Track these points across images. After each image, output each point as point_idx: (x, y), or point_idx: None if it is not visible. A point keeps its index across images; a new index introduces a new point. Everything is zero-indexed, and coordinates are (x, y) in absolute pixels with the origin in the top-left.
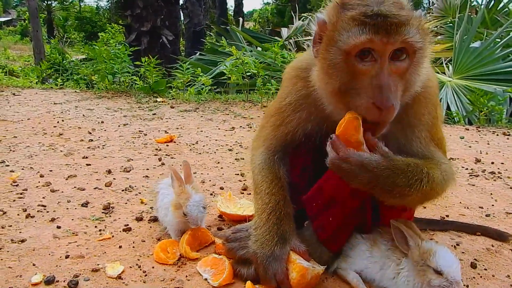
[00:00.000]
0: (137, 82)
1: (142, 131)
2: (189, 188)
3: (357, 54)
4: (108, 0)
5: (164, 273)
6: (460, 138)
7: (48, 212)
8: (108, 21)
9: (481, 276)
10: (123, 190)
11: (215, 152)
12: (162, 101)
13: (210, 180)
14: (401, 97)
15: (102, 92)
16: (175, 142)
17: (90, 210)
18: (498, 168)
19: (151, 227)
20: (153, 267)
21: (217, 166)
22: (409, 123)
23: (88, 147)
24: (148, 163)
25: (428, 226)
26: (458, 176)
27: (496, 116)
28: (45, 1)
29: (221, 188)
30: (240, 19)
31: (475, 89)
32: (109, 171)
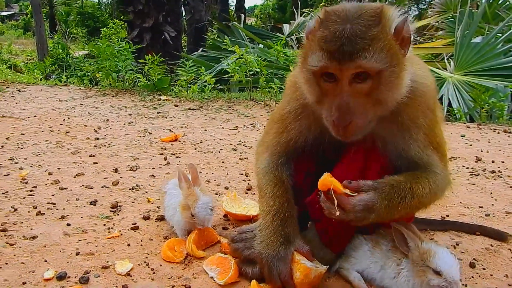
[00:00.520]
0: (140, 79)
1: (147, 130)
2: (197, 190)
3: (321, 75)
4: None
5: (171, 271)
6: (461, 137)
7: (57, 209)
8: (110, 17)
9: (479, 276)
10: (130, 189)
11: (219, 152)
12: (166, 99)
13: (215, 180)
14: (378, 111)
15: (106, 89)
16: (179, 141)
17: (98, 208)
18: (499, 167)
19: (158, 225)
20: (160, 265)
21: (221, 166)
22: (405, 126)
23: (94, 146)
24: (154, 162)
25: (428, 226)
26: (459, 176)
27: (497, 113)
28: None
29: (226, 188)
30: (241, 16)
31: (476, 85)
32: (115, 170)
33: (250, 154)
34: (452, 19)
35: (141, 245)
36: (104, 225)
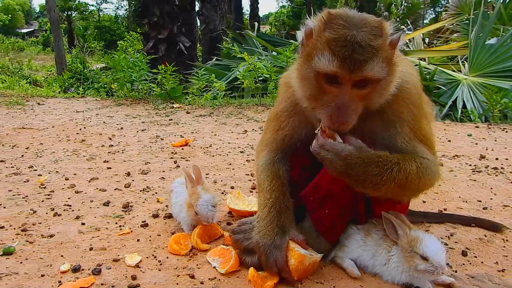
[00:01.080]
0: (154, 89)
1: (159, 136)
2: (199, 189)
3: (324, 77)
4: (126, 9)
5: (177, 262)
6: (468, 136)
7: (73, 211)
8: (127, 29)
9: (470, 263)
10: (141, 191)
11: (227, 154)
12: (178, 107)
13: (221, 180)
14: (367, 108)
15: (121, 99)
16: (190, 145)
17: (111, 209)
18: (502, 164)
19: (166, 223)
20: (167, 257)
21: (228, 167)
22: (390, 120)
23: (108, 152)
24: (164, 165)
25: (424, 219)
26: (461, 172)
27: (511, 113)
28: (65, 12)
29: (232, 188)
30: (255, 24)
31: (491, 87)
32: (128, 174)
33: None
34: (467, 21)
35: (150, 240)
36: (116, 223)
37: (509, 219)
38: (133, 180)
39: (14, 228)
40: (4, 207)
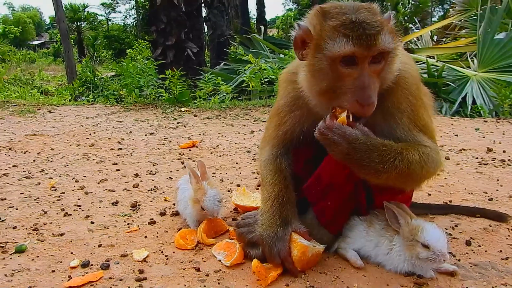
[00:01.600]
0: (162, 94)
1: (167, 139)
2: (205, 184)
3: (341, 60)
4: (134, 17)
5: (183, 256)
6: (475, 130)
7: (83, 211)
8: (135, 38)
9: (474, 252)
10: (148, 190)
11: (234, 154)
12: (186, 111)
13: (228, 179)
14: (381, 86)
15: (130, 105)
16: (197, 147)
17: (119, 208)
18: (509, 156)
19: (173, 220)
20: (173, 252)
21: (235, 166)
22: (389, 112)
23: (117, 155)
24: (171, 166)
25: (428, 210)
26: (467, 165)
27: None
28: (75, 22)
29: (238, 185)
30: (261, 27)
31: (498, 82)
32: (136, 175)
33: None
34: (475, 17)
35: (157, 237)
36: (124, 221)
37: None
38: (141, 181)
39: (26, 228)
40: (17, 209)
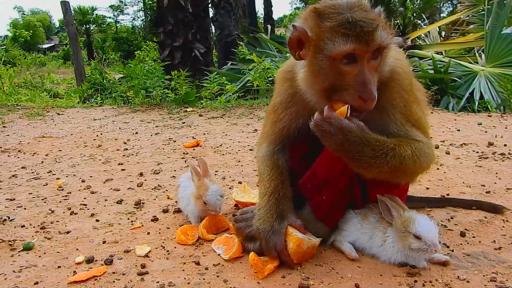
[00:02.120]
0: (169, 94)
1: (172, 138)
2: (206, 180)
3: (342, 59)
4: (142, 19)
5: (184, 251)
6: (478, 125)
7: (88, 209)
8: (144, 39)
9: (468, 243)
10: (152, 189)
11: (237, 152)
12: (191, 111)
13: (230, 177)
14: (378, 80)
15: (136, 106)
16: (201, 146)
17: (124, 206)
18: (510, 150)
19: (175, 217)
20: (175, 247)
21: (237, 164)
22: (383, 108)
23: (123, 155)
24: (175, 165)
25: (425, 203)
26: (467, 160)
27: None
28: (84, 25)
29: (240, 183)
30: (268, 27)
31: (506, 76)
32: (141, 174)
33: None
34: (483, 12)
35: (159, 233)
36: (128, 219)
37: (511, 201)
38: (145, 180)
39: (34, 227)
40: (25, 208)
